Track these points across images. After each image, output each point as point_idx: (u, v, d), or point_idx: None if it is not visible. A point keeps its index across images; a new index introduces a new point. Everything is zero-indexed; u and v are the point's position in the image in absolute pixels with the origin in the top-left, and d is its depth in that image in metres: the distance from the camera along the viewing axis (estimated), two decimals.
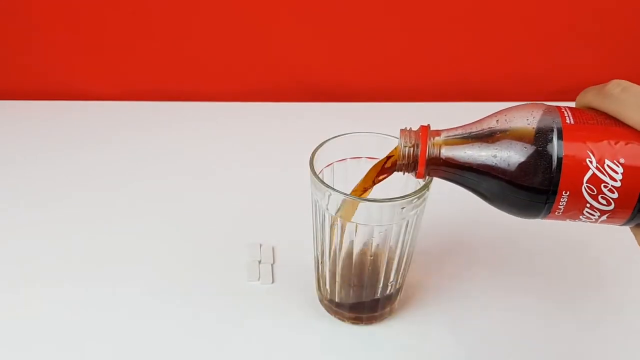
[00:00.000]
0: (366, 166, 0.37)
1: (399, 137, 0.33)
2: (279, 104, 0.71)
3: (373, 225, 0.37)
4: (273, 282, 0.46)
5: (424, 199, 0.37)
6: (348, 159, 0.40)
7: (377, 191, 0.37)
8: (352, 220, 0.36)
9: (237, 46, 0.69)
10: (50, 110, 0.69)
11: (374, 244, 0.38)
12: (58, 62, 0.70)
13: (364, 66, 0.72)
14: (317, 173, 0.37)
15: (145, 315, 0.43)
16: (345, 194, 0.35)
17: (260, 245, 0.49)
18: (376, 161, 0.36)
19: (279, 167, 0.59)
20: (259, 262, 0.47)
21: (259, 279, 0.46)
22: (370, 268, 0.40)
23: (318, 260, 0.42)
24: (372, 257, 0.39)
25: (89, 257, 0.48)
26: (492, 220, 0.53)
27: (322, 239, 0.39)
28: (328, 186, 0.35)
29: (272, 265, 0.47)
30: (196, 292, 0.45)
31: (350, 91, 0.73)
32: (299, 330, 0.42)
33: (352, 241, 0.38)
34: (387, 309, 0.42)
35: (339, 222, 0.37)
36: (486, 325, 0.43)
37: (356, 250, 0.39)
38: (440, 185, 0.35)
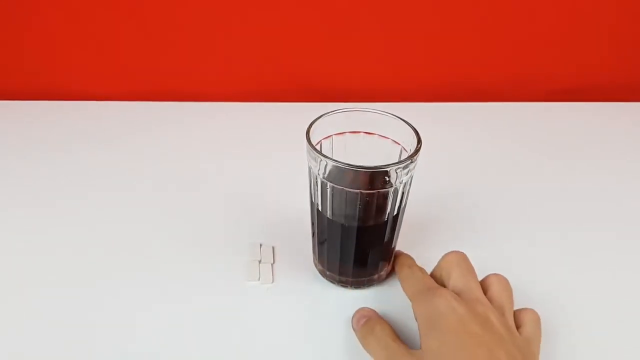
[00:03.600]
0: (364, 141, 0.41)
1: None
2: (279, 104, 0.71)
3: (363, 192, 0.38)
4: (273, 282, 0.46)
5: (412, 169, 0.39)
6: (347, 133, 0.42)
7: (364, 159, 0.38)
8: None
9: (237, 46, 0.69)
10: (50, 110, 0.69)
11: (365, 211, 0.39)
12: (58, 62, 0.70)
13: (364, 66, 0.72)
14: (315, 144, 0.39)
15: (145, 315, 0.43)
16: (336, 160, 0.36)
17: (261, 245, 0.49)
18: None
19: (279, 167, 0.59)
20: (259, 262, 0.47)
21: (259, 279, 0.46)
22: (369, 235, 0.41)
23: (319, 234, 0.43)
24: (364, 227, 0.40)
25: (88, 257, 0.48)
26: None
27: (322, 213, 0.41)
28: (322, 154, 0.37)
29: (272, 265, 0.47)
30: (196, 291, 0.45)
31: (350, 91, 0.73)
32: (299, 330, 0.42)
33: (352, 210, 0.39)
34: (383, 272, 0.45)
35: (329, 188, 0.38)
36: None
37: (355, 220, 0.40)
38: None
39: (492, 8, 0.67)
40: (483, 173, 0.60)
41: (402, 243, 0.46)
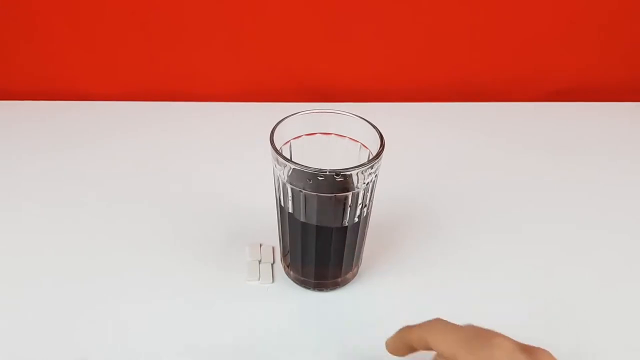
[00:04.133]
0: (325, 143, 0.41)
1: None
2: (279, 104, 0.71)
3: (333, 194, 0.38)
4: (273, 282, 0.46)
5: (375, 171, 0.39)
6: (303, 136, 0.42)
7: (328, 163, 0.38)
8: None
9: (237, 46, 0.69)
10: (50, 110, 0.69)
11: (336, 213, 0.40)
12: (58, 62, 0.70)
13: (364, 66, 0.72)
14: (279, 148, 0.39)
15: (144, 315, 0.43)
16: (301, 165, 0.37)
17: (261, 245, 0.49)
18: None
19: None
20: (259, 262, 0.47)
21: (259, 279, 0.46)
22: (332, 237, 0.41)
23: (283, 234, 0.43)
24: (333, 226, 0.40)
25: (88, 257, 0.48)
26: (495, 223, 0.53)
27: (286, 212, 0.41)
28: (284, 157, 0.38)
29: (272, 265, 0.47)
30: (196, 291, 0.45)
31: (350, 91, 0.73)
32: (299, 330, 0.42)
33: (313, 212, 0.39)
34: (349, 274, 0.45)
35: (301, 195, 0.39)
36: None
37: (318, 221, 0.40)
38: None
39: (492, 8, 0.67)
40: (483, 173, 0.60)
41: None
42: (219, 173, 0.59)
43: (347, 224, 0.40)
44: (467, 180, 0.58)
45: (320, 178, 0.37)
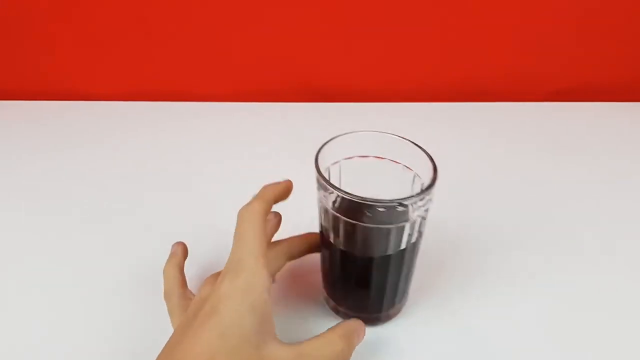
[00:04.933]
0: (373, 165, 0.37)
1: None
2: (279, 104, 0.71)
3: (378, 227, 0.35)
4: (273, 282, 0.46)
5: (429, 200, 0.36)
6: (355, 157, 0.39)
7: (378, 192, 0.36)
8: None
9: (237, 47, 0.69)
10: (50, 110, 0.69)
11: (380, 246, 0.37)
12: (58, 62, 0.70)
13: (364, 66, 0.72)
14: (322, 171, 0.36)
15: (144, 315, 0.43)
16: (348, 192, 0.34)
17: None
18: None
19: (279, 167, 0.59)
20: None
21: None
22: (375, 270, 0.38)
23: (324, 260, 0.41)
24: (376, 260, 0.37)
25: (88, 257, 0.48)
26: (495, 223, 0.53)
27: (327, 238, 0.38)
28: (332, 185, 0.34)
29: None
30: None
31: (350, 91, 0.73)
32: (299, 330, 0.42)
33: (358, 243, 0.37)
34: (392, 310, 0.41)
35: (344, 223, 0.36)
36: (489, 328, 0.42)
37: (361, 252, 0.37)
38: (443, 187, 0.35)
39: (492, 8, 0.67)
40: (483, 173, 0.60)
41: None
42: (219, 173, 0.59)
43: (392, 258, 0.37)
44: (467, 180, 0.58)
45: (370, 208, 0.34)
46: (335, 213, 0.36)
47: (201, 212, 0.53)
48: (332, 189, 0.34)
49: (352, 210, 0.35)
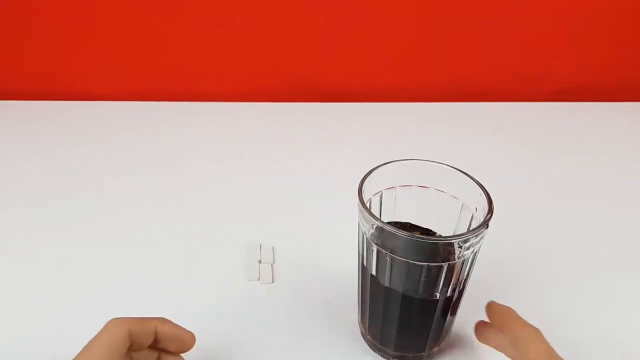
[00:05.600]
0: (416, 194, 0.35)
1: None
2: (279, 104, 0.71)
3: (426, 263, 0.32)
4: (273, 282, 0.46)
5: (482, 237, 0.33)
6: (397, 187, 0.37)
7: (430, 226, 0.34)
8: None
9: (237, 47, 0.69)
10: (51, 110, 0.69)
11: (426, 283, 0.34)
12: (58, 62, 0.70)
13: (364, 66, 0.72)
14: (365, 202, 0.33)
15: (144, 314, 0.43)
16: (387, 223, 0.31)
17: (261, 245, 0.49)
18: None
19: (279, 167, 0.59)
20: (259, 262, 0.47)
21: (259, 279, 0.46)
22: (419, 309, 0.36)
23: (363, 294, 0.38)
24: (422, 297, 0.34)
25: (88, 257, 0.48)
26: (495, 222, 0.53)
27: (368, 273, 0.36)
28: (374, 216, 0.32)
29: (272, 265, 0.47)
30: (196, 291, 0.45)
31: (350, 91, 0.73)
32: (299, 330, 0.42)
33: (402, 280, 0.34)
34: (435, 349, 0.39)
35: (388, 258, 0.33)
36: None
37: (404, 289, 0.34)
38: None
39: (493, 8, 0.67)
40: (483, 173, 0.60)
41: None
42: (219, 173, 0.59)
43: (438, 297, 0.34)
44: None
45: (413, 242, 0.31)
46: (372, 242, 0.33)
47: (201, 211, 0.53)
48: (374, 220, 0.32)
49: (387, 241, 0.33)
